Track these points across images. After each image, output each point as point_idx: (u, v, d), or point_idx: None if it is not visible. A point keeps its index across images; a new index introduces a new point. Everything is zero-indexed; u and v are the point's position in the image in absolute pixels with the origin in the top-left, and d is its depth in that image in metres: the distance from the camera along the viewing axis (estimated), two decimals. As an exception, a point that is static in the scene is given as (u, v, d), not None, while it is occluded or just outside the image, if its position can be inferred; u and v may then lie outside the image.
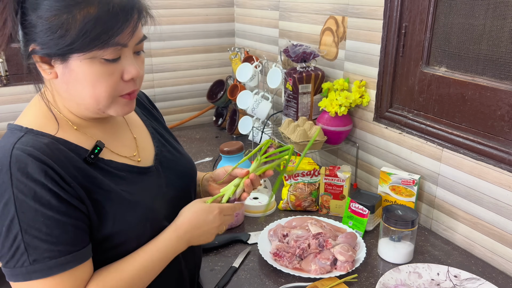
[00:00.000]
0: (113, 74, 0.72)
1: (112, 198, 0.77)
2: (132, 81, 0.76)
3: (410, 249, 1.15)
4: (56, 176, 0.70)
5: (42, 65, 0.72)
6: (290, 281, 1.07)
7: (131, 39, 0.72)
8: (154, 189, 0.86)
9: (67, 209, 0.70)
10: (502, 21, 1.05)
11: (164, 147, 0.94)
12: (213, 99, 2.23)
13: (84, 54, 0.69)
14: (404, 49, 1.32)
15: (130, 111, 0.80)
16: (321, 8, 1.64)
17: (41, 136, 0.74)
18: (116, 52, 0.71)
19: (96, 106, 0.75)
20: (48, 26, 0.67)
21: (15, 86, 1.92)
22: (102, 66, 0.71)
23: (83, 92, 0.73)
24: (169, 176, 0.91)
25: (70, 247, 0.70)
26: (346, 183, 1.36)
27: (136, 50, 0.76)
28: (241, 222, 1.33)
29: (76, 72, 0.71)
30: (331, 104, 1.50)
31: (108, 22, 0.68)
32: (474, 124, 1.16)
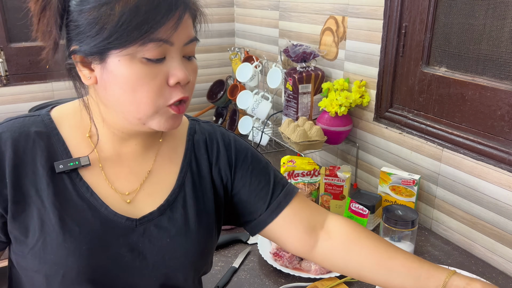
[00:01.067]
0: (157, 77, 0.62)
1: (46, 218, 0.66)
2: (178, 87, 0.65)
3: (410, 249, 1.15)
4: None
5: (82, 69, 0.65)
6: (290, 281, 1.08)
7: (176, 36, 0.62)
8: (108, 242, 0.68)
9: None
10: (502, 21, 1.05)
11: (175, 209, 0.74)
12: (213, 99, 2.23)
13: (122, 50, 0.60)
14: (404, 49, 1.32)
15: (176, 125, 0.68)
16: (321, 8, 1.64)
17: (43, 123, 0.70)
18: (159, 50, 0.62)
19: (137, 114, 0.65)
20: (88, 20, 0.60)
21: (15, 86, 1.92)
22: (143, 67, 0.62)
23: (122, 97, 0.63)
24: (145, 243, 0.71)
25: None
26: (346, 183, 1.36)
27: (185, 54, 0.66)
28: None
29: (114, 74, 0.62)
30: (331, 104, 1.50)
31: (148, 13, 0.59)
32: (474, 124, 1.16)
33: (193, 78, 0.68)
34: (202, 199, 0.76)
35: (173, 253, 0.72)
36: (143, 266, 0.70)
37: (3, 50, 1.89)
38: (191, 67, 0.67)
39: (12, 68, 1.92)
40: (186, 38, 0.65)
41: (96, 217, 0.68)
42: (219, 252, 1.19)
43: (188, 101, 0.67)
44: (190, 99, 0.69)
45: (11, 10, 1.87)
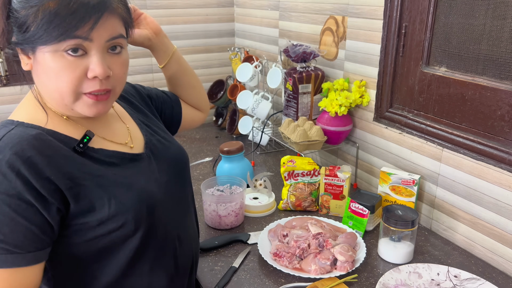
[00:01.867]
0: (76, 69, 0.73)
1: (104, 182, 0.78)
2: (96, 80, 0.74)
3: (410, 249, 1.15)
4: (31, 173, 0.70)
5: (22, 56, 0.76)
6: (290, 281, 1.07)
7: (95, 34, 0.72)
8: (146, 173, 0.87)
9: (26, 210, 0.70)
10: (502, 21, 1.05)
11: (152, 136, 0.96)
12: (213, 99, 2.23)
13: (46, 47, 0.71)
14: (404, 49, 1.32)
15: (101, 112, 0.79)
16: (321, 8, 1.64)
17: (30, 128, 0.75)
18: (77, 45, 0.71)
19: (61, 100, 0.76)
20: (20, 18, 0.71)
21: (15, 86, 1.92)
22: (64, 60, 0.72)
23: (49, 85, 0.75)
24: (160, 162, 0.92)
25: (14, 248, 0.70)
26: (346, 183, 1.36)
27: (108, 48, 0.75)
28: (241, 222, 1.34)
29: (41, 64, 0.73)
30: (331, 104, 1.50)
31: (66, 17, 0.69)
32: (474, 124, 1.16)
33: (119, 71, 0.78)
34: (152, 124, 1.00)
35: (174, 152, 0.97)
36: (165, 169, 0.92)
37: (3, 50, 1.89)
38: (118, 61, 0.78)
39: (12, 68, 1.92)
40: (108, 36, 0.74)
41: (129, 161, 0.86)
42: (219, 252, 1.19)
43: (113, 90, 0.79)
44: (118, 88, 0.80)
45: (11, 10, 1.87)
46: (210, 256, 1.18)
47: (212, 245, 1.20)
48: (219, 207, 1.27)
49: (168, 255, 0.91)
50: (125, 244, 0.82)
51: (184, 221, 0.98)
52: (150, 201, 0.84)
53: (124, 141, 0.89)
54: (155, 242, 0.87)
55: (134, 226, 0.81)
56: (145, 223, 0.83)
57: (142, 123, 0.98)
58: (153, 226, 0.86)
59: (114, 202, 0.78)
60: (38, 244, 0.72)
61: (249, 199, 1.42)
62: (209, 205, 1.29)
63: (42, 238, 0.73)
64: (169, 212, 0.91)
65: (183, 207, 0.98)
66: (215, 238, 1.23)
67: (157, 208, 0.86)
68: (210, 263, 1.15)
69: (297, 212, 1.41)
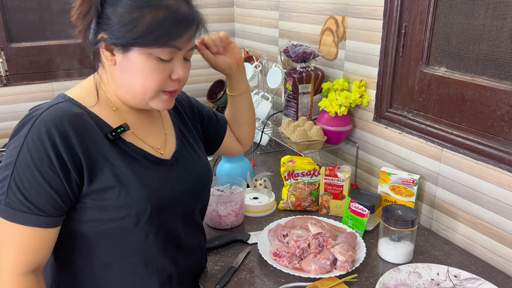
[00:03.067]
0: (164, 72, 0.82)
1: (121, 173, 0.83)
2: (177, 81, 0.86)
3: (410, 249, 1.15)
4: (63, 146, 0.77)
5: (105, 52, 0.81)
6: (290, 281, 1.08)
7: (186, 46, 0.83)
8: (163, 179, 0.91)
9: (52, 178, 0.77)
10: (502, 21, 1.05)
11: (184, 148, 1.00)
12: (213, 99, 2.23)
13: (144, 49, 0.79)
14: (404, 49, 1.32)
15: (169, 107, 0.89)
16: (321, 8, 1.64)
17: (76, 106, 0.83)
18: (171, 54, 0.81)
19: (142, 96, 0.84)
20: (120, 19, 0.77)
21: (15, 86, 1.92)
22: (156, 63, 0.81)
23: (135, 82, 0.82)
24: (182, 172, 0.96)
25: (37, 210, 0.78)
26: (346, 183, 1.36)
27: (186, 56, 0.86)
28: (241, 222, 1.34)
29: (133, 63, 0.80)
30: (331, 104, 1.50)
31: (171, 27, 0.79)
32: (474, 124, 1.16)
33: (188, 75, 0.89)
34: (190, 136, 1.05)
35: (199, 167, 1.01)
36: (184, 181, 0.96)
37: (3, 50, 1.89)
38: (187, 67, 0.88)
39: (12, 68, 1.92)
40: (190, 47, 0.86)
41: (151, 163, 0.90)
42: (219, 252, 1.20)
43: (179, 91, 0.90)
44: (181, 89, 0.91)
45: (11, 10, 1.87)
46: (210, 256, 1.18)
47: (212, 245, 1.20)
48: (219, 207, 1.27)
49: (165, 261, 0.94)
50: (123, 236, 0.87)
51: (190, 233, 1.00)
52: (157, 204, 0.87)
53: (157, 146, 0.94)
54: (153, 244, 0.90)
55: (135, 221, 0.85)
56: (147, 223, 0.86)
57: (180, 133, 1.03)
58: (154, 228, 0.89)
59: (124, 194, 0.83)
60: (57, 210, 0.80)
61: (249, 199, 1.42)
62: (209, 205, 1.29)
63: (61, 206, 0.80)
64: (175, 220, 0.94)
65: (191, 219, 1.01)
66: (215, 238, 1.23)
67: (163, 213, 0.89)
68: (210, 263, 1.15)
69: (297, 212, 1.41)
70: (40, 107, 0.81)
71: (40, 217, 0.78)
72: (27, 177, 0.76)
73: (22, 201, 0.76)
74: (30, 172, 0.76)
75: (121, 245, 0.88)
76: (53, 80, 2.00)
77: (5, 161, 0.78)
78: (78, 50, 2.03)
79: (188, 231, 1.00)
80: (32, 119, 0.78)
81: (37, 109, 0.80)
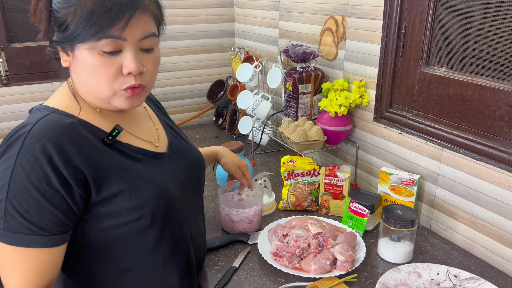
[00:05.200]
0: (112, 67, 0.77)
1: (128, 175, 0.82)
2: (131, 76, 0.79)
3: (409, 249, 1.15)
4: (60, 161, 0.73)
5: (62, 53, 0.80)
6: (290, 280, 1.08)
7: (128, 33, 0.76)
8: (167, 172, 0.91)
9: (53, 196, 0.74)
10: (502, 21, 1.05)
11: (175, 138, 1.01)
12: (213, 99, 2.23)
13: (83, 44, 0.75)
14: (403, 49, 1.32)
15: (135, 105, 0.83)
16: (321, 8, 1.64)
17: (64, 116, 0.80)
18: (112, 45, 0.75)
19: (99, 95, 0.80)
20: (60, 18, 0.76)
21: (15, 86, 1.92)
22: (101, 58, 0.76)
23: (87, 81, 0.79)
24: (181, 163, 0.96)
25: (40, 230, 0.75)
26: (346, 183, 1.36)
27: (142, 47, 0.79)
28: (256, 229, 1.30)
29: (79, 61, 0.77)
30: (331, 104, 1.50)
31: (101, 15, 0.73)
32: (474, 124, 1.16)
33: (151, 67, 0.82)
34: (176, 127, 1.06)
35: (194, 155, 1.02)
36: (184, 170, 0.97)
37: (3, 50, 1.89)
38: (150, 58, 0.81)
39: (12, 68, 1.92)
40: (141, 35, 0.78)
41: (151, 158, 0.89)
42: (219, 252, 1.20)
43: (146, 86, 0.82)
44: (150, 84, 0.84)
45: (11, 10, 1.87)
46: (211, 256, 1.18)
47: (212, 246, 1.20)
48: (232, 212, 1.25)
49: (181, 253, 0.95)
50: (140, 237, 0.86)
51: (196, 222, 1.02)
52: (168, 197, 0.87)
53: (151, 139, 0.93)
54: (169, 239, 0.90)
55: (150, 220, 0.84)
56: (161, 219, 0.86)
57: (167, 125, 1.03)
58: (169, 223, 0.89)
59: (135, 195, 0.82)
60: (62, 227, 0.77)
61: (249, 199, 1.42)
62: (222, 209, 1.28)
63: (66, 223, 0.77)
64: (184, 211, 0.94)
65: (196, 208, 1.03)
66: (215, 239, 1.23)
67: (174, 205, 0.89)
68: (210, 262, 1.15)
69: (297, 212, 1.41)
70: (25, 123, 0.77)
71: (44, 237, 0.75)
72: (25, 198, 0.73)
73: (22, 223, 0.73)
74: (27, 192, 0.72)
75: (138, 246, 0.86)
76: (53, 80, 2.00)
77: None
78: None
79: (195, 219, 1.02)
80: (21, 137, 0.74)
81: (22, 126, 0.76)
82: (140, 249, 0.87)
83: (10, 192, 0.73)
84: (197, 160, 1.03)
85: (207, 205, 1.45)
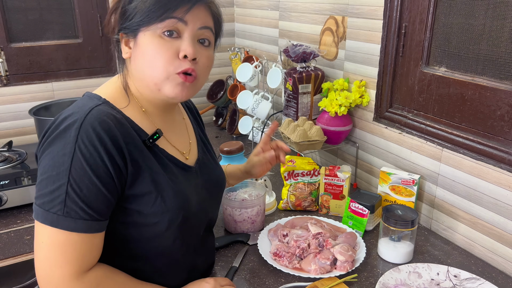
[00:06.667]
0: (170, 49, 0.80)
1: (158, 180, 0.83)
2: (186, 60, 0.81)
3: (410, 249, 1.15)
4: (114, 149, 0.76)
5: (124, 47, 0.84)
6: (290, 281, 1.08)
7: (190, 17, 0.80)
8: (192, 185, 0.93)
9: (109, 183, 0.77)
10: (502, 21, 1.05)
11: (205, 155, 1.03)
12: (213, 99, 2.23)
13: (148, 28, 0.79)
14: (404, 49, 1.32)
15: (184, 95, 0.84)
16: (321, 8, 1.64)
17: (114, 109, 0.82)
18: (174, 26, 0.79)
19: (153, 79, 0.82)
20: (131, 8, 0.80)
21: (15, 86, 1.92)
22: (161, 40, 0.79)
23: (144, 65, 0.81)
24: (205, 180, 0.98)
25: (98, 216, 0.77)
26: (346, 183, 1.36)
27: (199, 37, 0.83)
28: (259, 229, 1.29)
29: (141, 46, 0.81)
30: (331, 104, 1.50)
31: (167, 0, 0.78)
32: (474, 124, 1.16)
33: (205, 61, 0.85)
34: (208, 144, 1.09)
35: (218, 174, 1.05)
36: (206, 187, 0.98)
37: (3, 50, 1.89)
38: (205, 53, 0.85)
39: (12, 68, 1.92)
40: (201, 24, 0.82)
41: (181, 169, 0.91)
42: (219, 252, 1.20)
43: (197, 78, 0.84)
44: (201, 78, 0.86)
45: (11, 10, 1.87)
46: (210, 256, 1.18)
47: (212, 245, 1.20)
48: (235, 211, 1.25)
49: (187, 264, 0.96)
50: (151, 241, 0.87)
51: (205, 238, 1.03)
52: (188, 210, 0.89)
53: (183, 150, 0.95)
54: (178, 248, 0.91)
55: (166, 227, 0.85)
56: (176, 229, 0.87)
57: (201, 140, 1.05)
58: (181, 234, 0.89)
59: (160, 200, 0.83)
60: (109, 212, 0.80)
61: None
62: (225, 209, 1.27)
63: (112, 208, 0.80)
64: (196, 226, 0.95)
65: (208, 225, 1.03)
66: (215, 239, 1.23)
67: (191, 218, 0.90)
68: (210, 263, 1.15)
69: (297, 212, 1.41)
70: (76, 110, 0.78)
71: (100, 222, 0.77)
72: (86, 183, 0.74)
73: (83, 208, 0.74)
74: (87, 178, 0.74)
75: (147, 248, 0.88)
76: (53, 80, 2.00)
77: (54, 169, 0.74)
78: (78, 50, 2.03)
79: (207, 235, 1.03)
80: (75, 123, 0.75)
81: (74, 112, 0.77)
82: (148, 252, 0.88)
83: (71, 177, 0.73)
84: (220, 179, 1.06)
85: (207, 205, 1.45)
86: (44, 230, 0.75)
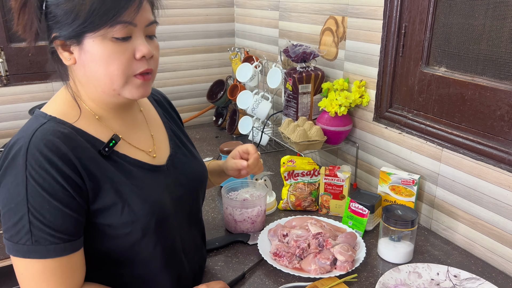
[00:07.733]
0: (125, 53, 0.76)
1: (122, 189, 0.81)
2: (144, 60, 0.78)
3: (410, 249, 1.15)
4: (67, 168, 0.74)
5: (63, 53, 0.78)
6: (290, 281, 1.08)
7: (138, 18, 0.76)
8: (162, 186, 0.89)
9: (71, 202, 0.75)
10: (502, 21, 1.05)
11: (179, 150, 0.98)
12: (213, 99, 2.23)
13: (95, 33, 0.73)
14: (404, 49, 1.32)
15: (145, 94, 0.82)
16: (321, 8, 1.64)
17: (62, 124, 0.78)
18: (125, 30, 0.75)
19: (111, 86, 0.78)
20: (63, 11, 0.73)
21: (15, 86, 1.92)
22: (113, 45, 0.75)
23: (98, 72, 0.77)
24: (179, 176, 0.94)
25: (69, 236, 0.75)
26: (346, 183, 1.36)
27: (147, 34, 0.80)
28: (259, 230, 1.29)
29: (90, 53, 0.75)
30: (331, 104, 1.50)
31: (114, 2, 0.73)
32: (474, 124, 1.16)
33: (157, 54, 0.82)
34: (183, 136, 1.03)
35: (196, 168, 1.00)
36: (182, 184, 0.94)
37: (3, 50, 1.89)
38: (153, 45, 0.82)
39: (12, 68, 1.92)
40: (147, 21, 0.79)
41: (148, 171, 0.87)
42: (219, 252, 1.20)
43: (153, 73, 0.82)
44: (156, 72, 0.84)
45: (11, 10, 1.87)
46: (211, 257, 1.18)
47: (213, 246, 1.20)
48: (235, 211, 1.25)
49: (173, 267, 0.93)
50: (131, 250, 0.85)
51: (191, 234, 1.00)
52: (160, 214, 0.86)
53: (148, 149, 0.91)
54: (161, 252, 0.89)
55: (141, 235, 0.84)
56: (152, 234, 0.85)
57: (173, 133, 1.00)
58: (160, 237, 0.87)
59: (128, 210, 0.81)
60: (81, 229, 0.78)
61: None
62: (226, 208, 1.27)
63: (82, 224, 0.78)
64: (176, 226, 0.93)
65: (192, 221, 1.01)
66: (215, 239, 1.23)
67: (166, 221, 0.88)
68: (210, 263, 1.15)
69: (297, 212, 1.41)
70: (21, 135, 0.75)
71: (74, 241, 0.76)
72: (47, 208, 0.72)
73: (51, 233, 0.73)
74: (47, 203, 0.72)
75: (128, 258, 0.86)
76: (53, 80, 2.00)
77: (12, 202, 0.72)
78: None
79: (190, 233, 1.00)
80: (21, 150, 0.73)
81: (19, 137, 0.75)
82: (131, 262, 0.86)
83: (30, 206, 0.72)
84: (198, 172, 1.00)
85: (207, 205, 1.45)
86: (19, 263, 0.74)
